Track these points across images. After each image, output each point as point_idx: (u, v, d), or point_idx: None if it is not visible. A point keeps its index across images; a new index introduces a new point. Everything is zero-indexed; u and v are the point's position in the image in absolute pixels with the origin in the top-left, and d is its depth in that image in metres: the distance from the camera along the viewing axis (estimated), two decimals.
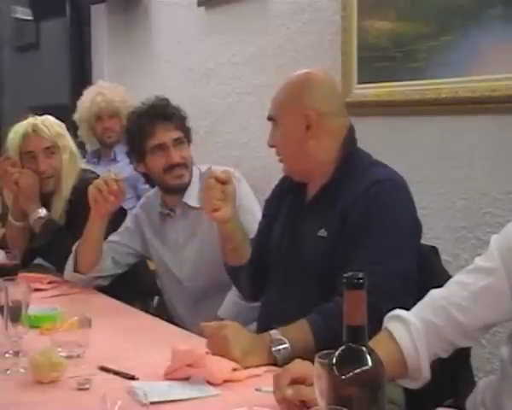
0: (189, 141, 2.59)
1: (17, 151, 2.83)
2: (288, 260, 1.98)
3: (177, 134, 2.50)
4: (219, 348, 1.69)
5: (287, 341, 1.72)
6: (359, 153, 1.98)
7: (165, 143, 2.48)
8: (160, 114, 2.50)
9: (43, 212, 2.80)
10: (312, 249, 1.88)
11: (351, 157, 1.94)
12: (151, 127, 2.48)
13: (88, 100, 3.75)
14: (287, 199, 2.08)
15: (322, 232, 1.88)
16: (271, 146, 2.04)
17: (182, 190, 2.54)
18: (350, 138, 1.97)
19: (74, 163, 2.87)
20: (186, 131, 2.56)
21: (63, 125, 2.92)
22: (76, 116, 3.81)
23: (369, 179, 1.86)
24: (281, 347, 1.71)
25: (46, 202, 2.85)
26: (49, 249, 2.78)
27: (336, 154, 1.94)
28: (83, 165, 3.02)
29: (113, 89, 3.77)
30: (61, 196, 2.83)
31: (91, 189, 2.42)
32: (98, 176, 2.94)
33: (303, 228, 1.96)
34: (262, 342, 1.73)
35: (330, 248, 1.84)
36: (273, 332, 1.75)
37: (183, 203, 2.56)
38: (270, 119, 2.02)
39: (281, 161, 2.03)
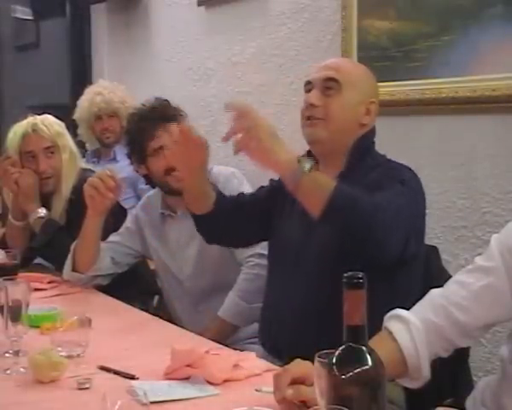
0: None
1: (17, 151, 2.83)
2: (299, 251, 1.94)
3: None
4: (252, 134, 1.68)
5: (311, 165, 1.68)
6: (376, 152, 2.00)
7: (167, 146, 2.47)
8: (161, 115, 2.50)
9: (42, 211, 2.80)
10: (324, 239, 1.84)
11: (367, 151, 1.96)
12: (152, 129, 2.47)
13: (87, 100, 3.75)
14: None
15: None
16: (312, 105, 1.92)
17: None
18: (369, 136, 1.98)
19: (74, 163, 2.87)
20: None
21: (63, 125, 2.92)
22: (76, 115, 3.81)
23: (386, 168, 1.89)
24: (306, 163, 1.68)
25: (46, 201, 2.85)
26: (48, 249, 2.78)
27: (351, 144, 1.94)
28: (83, 164, 3.01)
29: (112, 89, 3.77)
30: (61, 195, 2.83)
31: (86, 187, 2.42)
32: None
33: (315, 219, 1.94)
34: (285, 148, 1.70)
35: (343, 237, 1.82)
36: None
37: (184, 204, 2.55)
38: (330, 79, 1.92)
39: (313, 124, 1.92)
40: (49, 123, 2.84)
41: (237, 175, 2.59)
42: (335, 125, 1.92)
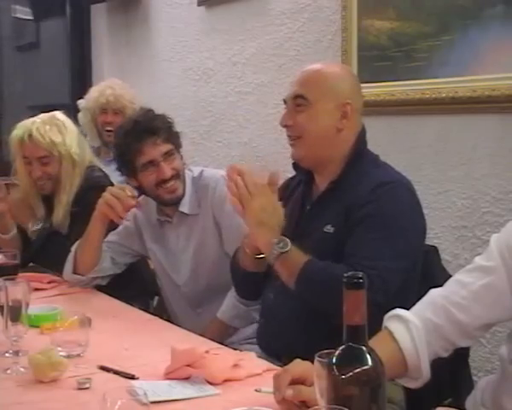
0: (179, 147, 2.54)
1: (18, 152, 2.82)
2: None
3: (165, 148, 2.44)
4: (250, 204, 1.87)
5: (288, 246, 1.82)
6: (368, 153, 1.99)
7: (155, 160, 2.42)
8: (146, 129, 2.42)
9: (35, 226, 2.83)
10: (317, 245, 1.87)
11: (360, 157, 1.95)
12: (139, 145, 2.41)
13: (98, 90, 3.72)
14: (292, 199, 2.07)
15: (329, 228, 1.88)
16: (285, 126, 1.99)
17: (177, 202, 2.52)
18: (362, 138, 1.98)
19: (76, 169, 2.80)
20: (175, 141, 2.49)
21: (67, 123, 2.83)
22: (82, 104, 3.78)
23: (374, 181, 1.86)
24: (282, 244, 1.83)
25: (49, 203, 2.85)
26: (41, 257, 2.81)
27: (348, 150, 1.95)
28: (88, 159, 2.90)
29: (124, 87, 3.74)
30: (61, 200, 2.80)
31: (102, 204, 2.42)
32: (105, 175, 2.92)
33: (309, 224, 1.95)
34: (274, 228, 1.87)
35: (336, 244, 1.84)
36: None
37: (178, 212, 2.54)
38: (298, 97, 1.95)
39: (292, 144, 1.98)
40: (46, 131, 2.75)
41: None
42: (311, 139, 1.95)
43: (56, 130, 2.80)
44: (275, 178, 1.92)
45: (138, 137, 2.42)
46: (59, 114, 2.86)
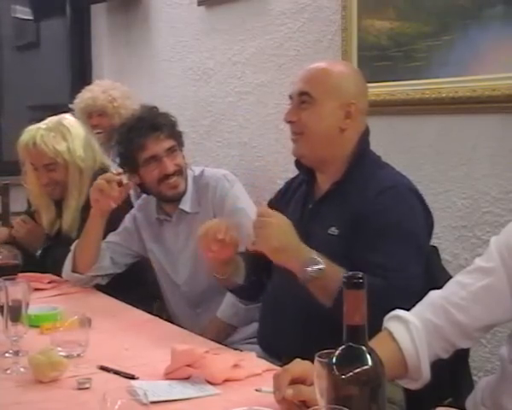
0: (182, 145, 2.56)
1: (25, 157, 2.83)
2: None
3: (168, 143, 2.47)
4: (262, 233, 1.76)
5: (322, 262, 1.74)
6: (370, 154, 1.99)
7: (158, 155, 2.45)
8: (150, 125, 2.46)
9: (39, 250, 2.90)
10: (322, 247, 1.84)
11: (363, 157, 1.95)
12: (142, 140, 2.44)
13: (79, 96, 3.73)
14: (293, 199, 2.07)
15: (333, 230, 1.88)
16: (289, 121, 1.98)
17: (178, 198, 2.53)
18: (365, 138, 1.98)
19: (83, 173, 2.79)
20: (177, 138, 2.53)
21: (73, 128, 2.82)
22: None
23: (380, 185, 1.86)
24: (315, 266, 1.74)
25: (60, 207, 2.86)
26: (49, 258, 2.82)
27: (350, 150, 1.95)
28: (99, 161, 2.88)
29: (106, 87, 3.69)
30: (69, 204, 2.81)
31: (92, 190, 2.43)
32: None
33: (312, 226, 1.94)
34: (299, 247, 1.78)
35: (342, 247, 1.83)
36: (309, 249, 1.77)
37: (179, 210, 2.55)
38: (303, 94, 1.95)
39: (295, 140, 1.98)
40: (49, 139, 2.74)
41: (228, 177, 2.58)
42: (314, 137, 1.95)
43: (60, 137, 2.78)
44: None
45: (141, 133, 2.45)
46: (66, 119, 2.85)
